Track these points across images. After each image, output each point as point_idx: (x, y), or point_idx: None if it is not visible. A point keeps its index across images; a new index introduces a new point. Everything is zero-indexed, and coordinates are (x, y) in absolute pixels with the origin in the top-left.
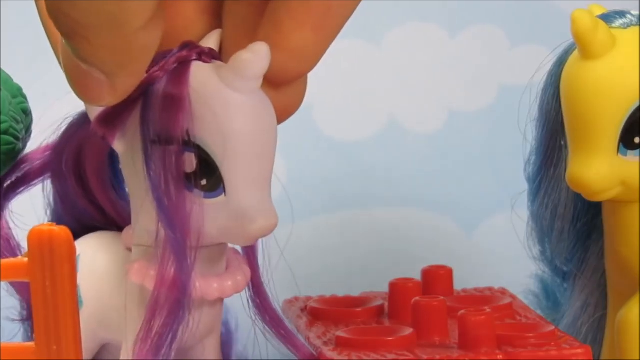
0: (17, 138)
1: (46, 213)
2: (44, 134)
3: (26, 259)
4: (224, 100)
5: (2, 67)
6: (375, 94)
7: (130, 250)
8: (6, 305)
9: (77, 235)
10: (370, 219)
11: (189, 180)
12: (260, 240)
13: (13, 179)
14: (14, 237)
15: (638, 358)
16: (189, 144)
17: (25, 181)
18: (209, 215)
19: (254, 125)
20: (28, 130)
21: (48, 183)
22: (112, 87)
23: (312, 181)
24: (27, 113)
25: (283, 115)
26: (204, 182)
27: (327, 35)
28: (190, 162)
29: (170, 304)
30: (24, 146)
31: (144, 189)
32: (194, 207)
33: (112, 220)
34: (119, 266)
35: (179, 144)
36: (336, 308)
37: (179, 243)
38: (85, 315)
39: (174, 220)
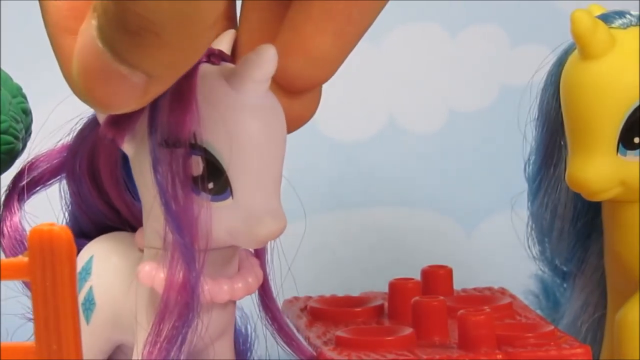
0: (16, 138)
1: (64, 214)
2: (41, 134)
3: (26, 259)
4: (230, 102)
5: (2, 67)
6: (375, 94)
7: (142, 251)
8: (6, 305)
9: (92, 236)
10: (370, 219)
11: (196, 184)
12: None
13: (30, 178)
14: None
15: (638, 358)
16: (196, 147)
17: (41, 181)
18: (217, 218)
19: (260, 128)
20: (28, 130)
21: (64, 183)
22: (145, 91)
23: (312, 181)
24: (26, 113)
25: (295, 124)
26: (210, 185)
27: (347, 42)
28: (197, 165)
29: (180, 307)
30: (24, 146)
31: (153, 192)
32: (202, 210)
33: (127, 220)
34: (132, 267)
35: (186, 147)
36: (336, 308)
37: (186, 247)
38: (99, 316)
39: (181, 224)
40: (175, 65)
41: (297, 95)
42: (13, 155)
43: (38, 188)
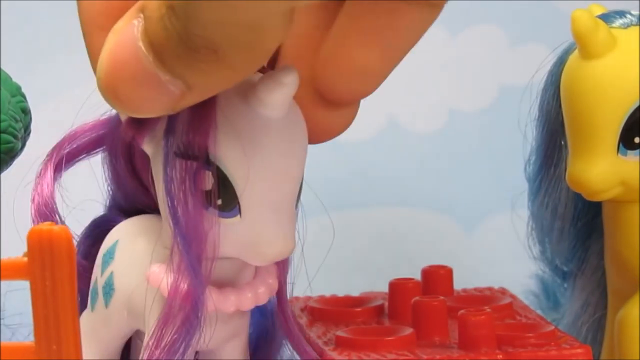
0: (15, 137)
1: (105, 187)
2: (41, 134)
3: (26, 259)
4: (248, 121)
5: (2, 67)
6: (375, 94)
7: None
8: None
9: (128, 213)
10: (371, 219)
11: (205, 198)
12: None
13: (73, 147)
14: (56, 209)
15: (638, 358)
16: (208, 162)
17: (84, 151)
18: (224, 234)
19: (276, 150)
20: (27, 129)
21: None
22: (178, 100)
23: (312, 181)
24: (26, 112)
25: (328, 135)
26: (219, 201)
27: (394, 57)
28: (208, 180)
29: (183, 315)
30: (23, 145)
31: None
32: (209, 225)
33: (157, 203)
34: (153, 252)
35: (200, 161)
36: (336, 308)
37: (192, 259)
38: (117, 302)
39: (188, 236)
40: (223, 82)
41: (337, 107)
42: (12, 154)
43: (80, 157)
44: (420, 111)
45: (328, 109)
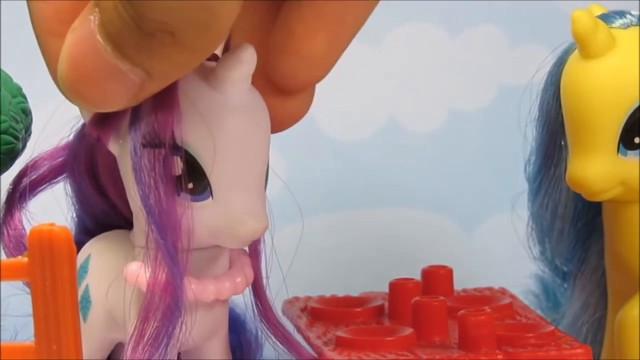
0: (16, 138)
1: (70, 213)
2: (41, 134)
3: (26, 259)
4: (210, 102)
5: (2, 67)
6: (375, 94)
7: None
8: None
9: (95, 234)
10: (370, 219)
11: (176, 184)
12: (263, 242)
13: (33, 177)
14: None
15: (638, 358)
16: (176, 147)
17: (46, 179)
18: (198, 218)
19: (240, 128)
20: (28, 130)
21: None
22: (139, 90)
23: (312, 181)
24: (26, 113)
25: (287, 122)
26: (190, 185)
27: (340, 42)
28: (177, 165)
29: (164, 306)
30: (24, 146)
31: (137, 192)
32: (182, 211)
33: (126, 218)
34: (125, 264)
35: (167, 148)
36: (336, 308)
37: (168, 247)
38: (95, 315)
39: (162, 224)
40: (182, 66)
41: (291, 94)
42: (13, 155)
43: (43, 186)
44: (420, 111)
45: (282, 96)
